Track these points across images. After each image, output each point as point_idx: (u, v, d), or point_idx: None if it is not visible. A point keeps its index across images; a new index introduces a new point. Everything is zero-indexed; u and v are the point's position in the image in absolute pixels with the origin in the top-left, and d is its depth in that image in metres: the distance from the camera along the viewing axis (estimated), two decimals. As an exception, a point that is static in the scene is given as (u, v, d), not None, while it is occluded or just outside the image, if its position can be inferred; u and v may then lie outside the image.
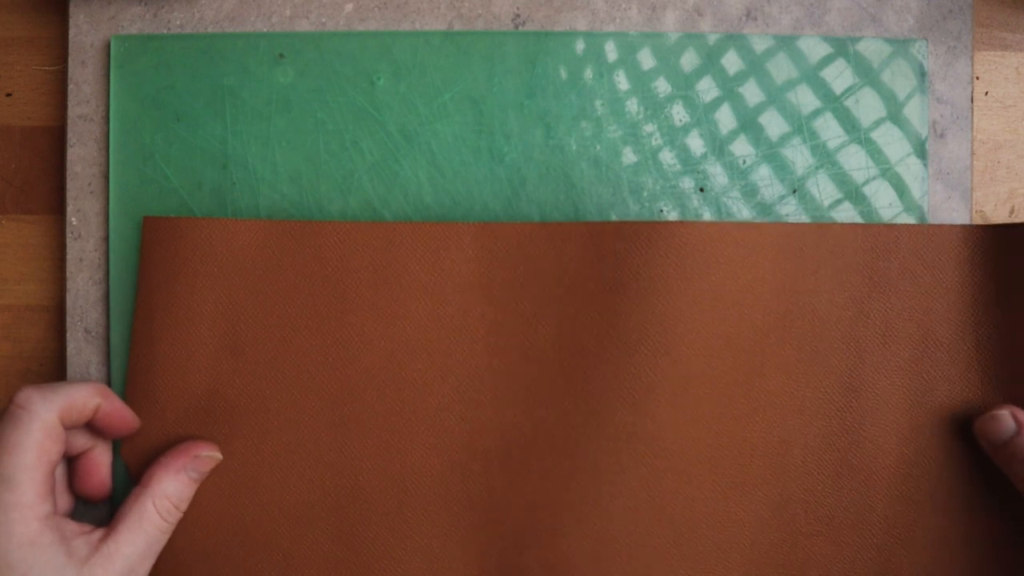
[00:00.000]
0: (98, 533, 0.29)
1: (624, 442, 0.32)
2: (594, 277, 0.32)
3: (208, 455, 0.32)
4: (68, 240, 0.34)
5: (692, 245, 0.31)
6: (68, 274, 0.34)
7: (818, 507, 0.32)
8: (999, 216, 0.34)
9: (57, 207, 0.35)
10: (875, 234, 0.32)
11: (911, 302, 0.32)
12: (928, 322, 0.32)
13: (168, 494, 0.30)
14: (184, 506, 0.31)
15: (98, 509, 0.34)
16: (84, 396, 0.29)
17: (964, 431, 0.32)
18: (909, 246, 0.32)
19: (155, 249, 0.33)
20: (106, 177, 0.34)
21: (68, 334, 0.34)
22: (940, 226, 0.32)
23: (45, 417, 0.28)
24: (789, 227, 0.32)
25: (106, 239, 0.34)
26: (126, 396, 0.33)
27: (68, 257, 0.34)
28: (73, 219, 0.34)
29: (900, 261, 0.32)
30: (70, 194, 0.34)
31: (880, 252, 0.32)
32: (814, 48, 0.33)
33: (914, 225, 0.32)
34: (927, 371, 0.32)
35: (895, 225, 0.32)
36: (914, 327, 0.32)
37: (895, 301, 0.32)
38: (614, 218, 0.33)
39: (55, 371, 0.35)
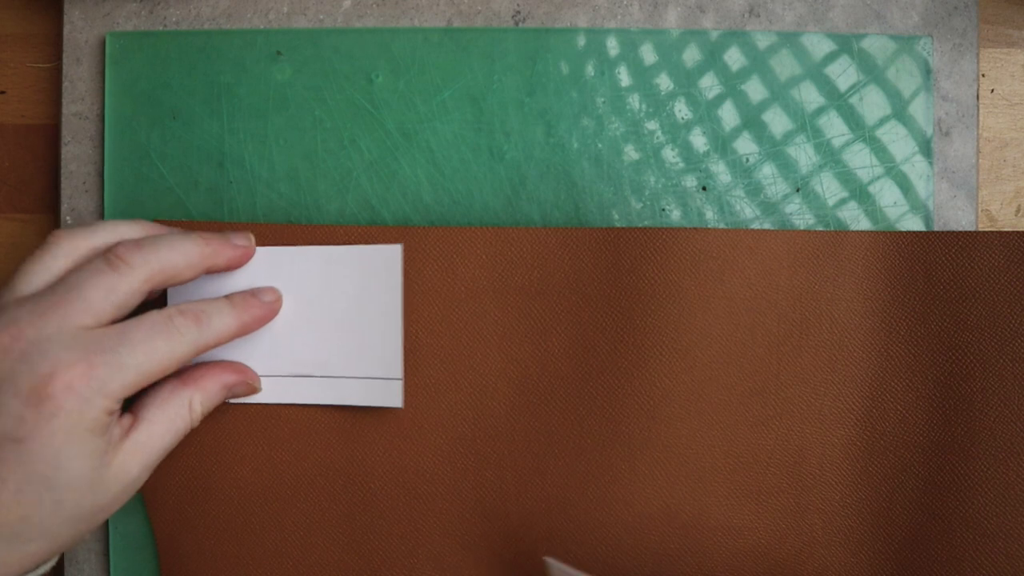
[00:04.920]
0: (127, 419, 0.27)
1: (638, 449, 0.31)
2: (608, 283, 0.31)
3: (252, 385, 0.31)
4: (62, 239, 0.34)
5: (707, 252, 0.31)
6: (62, 274, 0.34)
7: (835, 517, 0.31)
8: (1005, 215, 0.34)
9: (51, 206, 0.35)
10: (896, 241, 0.31)
11: (940, 311, 0.31)
12: (959, 333, 0.31)
13: (211, 400, 0.29)
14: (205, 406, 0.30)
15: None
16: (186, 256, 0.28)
17: (996, 449, 0.31)
18: (935, 254, 0.31)
19: None
20: (101, 175, 0.34)
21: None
22: (969, 233, 0.31)
23: (141, 287, 0.27)
24: (805, 235, 0.31)
25: (101, 238, 0.34)
26: None
27: (62, 256, 0.34)
28: (68, 218, 0.34)
29: (925, 269, 0.31)
30: (65, 193, 0.34)
31: (904, 260, 0.31)
32: (818, 45, 0.33)
33: (940, 232, 0.31)
34: (958, 384, 0.31)
35: (917, 232, 0.31)
36: (944, 337, 0.31)
37: (921, 310, 0.31)
38: (616, 217, 0.33)
39: (49, 372, 0.35)
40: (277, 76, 0.34)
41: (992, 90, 0.34)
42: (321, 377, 0.31)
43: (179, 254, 0.28)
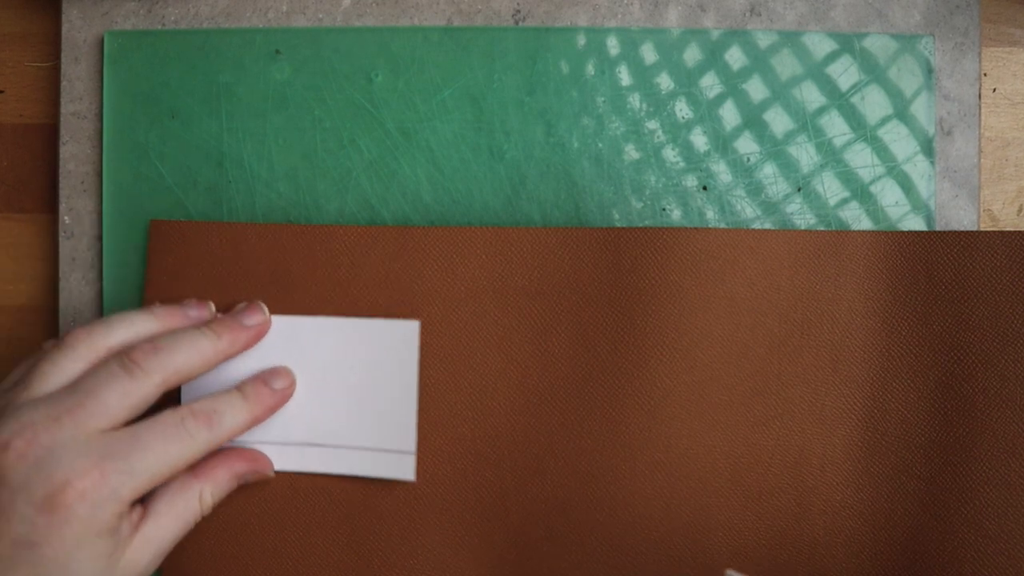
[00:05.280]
0: (137, 512, 0.27)
1: (639, 449, 0.31)
2: (609, 283, 0.31)
3: (264, 473, 0.31)
4: (61, 239, 0.34)
5: (708, 252, 0.31)
6: (61, 274, 0.34)
7: (837, 517, 0.31)
8: (1007, 215, 0.34)
9: (50, 206, 0.35)
10: (898, 241, 0.31)
11: (941, 312, 0.31)
12: (961, 333, 0.31)
13: (222, 490, 0.30)
14: (216, 495, 0.30)
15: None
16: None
17: (998, 449, 0.31)
18: (937, 254, 0.31)
19: (162, 253, 0.32)
20: (100, 175, 0.34)
21: (61, 334, 0.33)
22: (970, 233, 0.31)
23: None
24: (806, 235, 0.31)
25: (99, 238, 0.33)
26: None
27: (61, 256, 0.34)
28: (66, 218, 0.34)
29: (927, 269, 0.31)
30: (63, 192, 0.34)
31: (905, 260, 0.31)
32: (819, 44, 0.33)
33: (942, 232, 0.31)
34: (960, 385, 0.31)
35: (919, 232, 0.31)
36: (945, 338, 0.31)
37: (923, 310, 0.31)
38: (616, 216, 0.33)
39: (48, 372, 0.34)
40: (276, 75, 0.33)
41: (994, 89, 0.34)
42: (333, 447, 0.32)
43: (194, 354, 0.28)
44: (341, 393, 0.31)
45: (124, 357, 0.27)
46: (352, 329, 0.31)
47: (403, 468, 0.31)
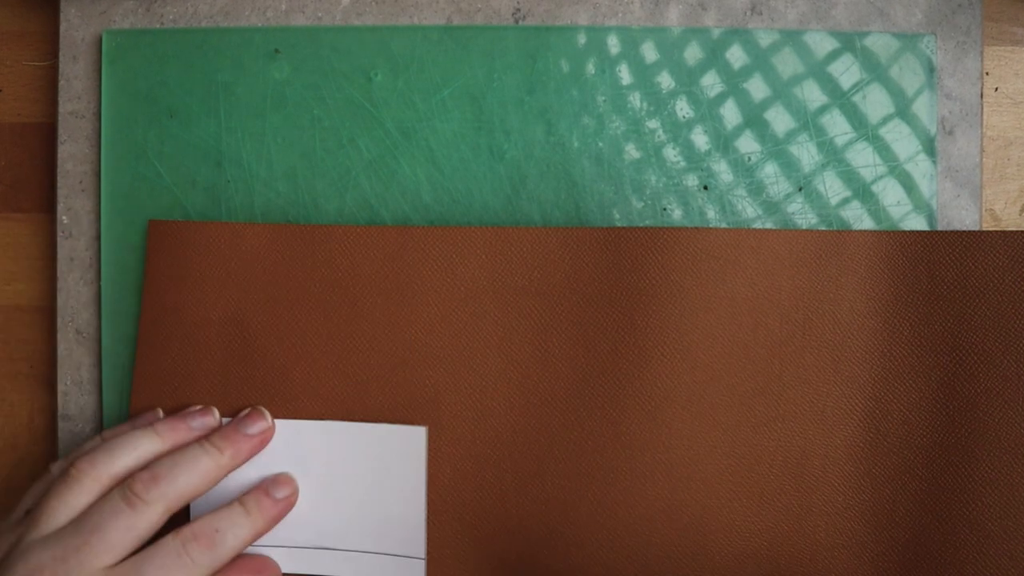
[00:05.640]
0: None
1: (639, 450, 0.31)
2: (609, 283, 0.31)
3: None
4: (59, 239, 0.34)
5: (709, 252, 0.31)
6: (59, 274, 0.33)
7: (838, 518, 0.31)
8: (1009, 214, 0.33)
9: (48, 205, 0.34)
10: (900, 241, 0.31)
11: (943, 312, 0.31)
12: (963, 333, 0.31)
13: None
14: None
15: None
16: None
17: (1000, 450, 0.30)
18: (939, 253, 0.31)
19: (161, 253, 0.32)
20: (98, 175, 0.33)
21: (59, 335, 0.33)
22: (972, 232, 0.31)
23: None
24: (807, 234, 0.31)
25: (98, 238, 0.33)
26: (131, 405, 0.32)
27: (59, 256, 0.34)
28: (64, 217, 0.34)
29: (928, 269, 0.31)
30: (61, 192, 0.34)
31: (907, 260, 0.31)
32: (820, 43, 0.33)
33: (943, 232, 0.31)
34: (962, 385, 0.31)
35: (921, 232, 0.31)
36: (947, 338, 0.31)
37: (925, 310, 0.31)
38: (616, 216, 0.33)
39: (45, 373, 0.34)
40: (275, 74, 0.33)
41: (996, 88, 0.34)
42: (343, 551, 0.31)
43: (196, 476, 0.28)
44: (349, 497, 0.31)
45: (126, 490, 0.27)
46: (358, 433, 0.31)
47: (413, 574, 0.31)
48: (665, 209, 0.33)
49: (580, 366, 0.31)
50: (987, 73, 0.34)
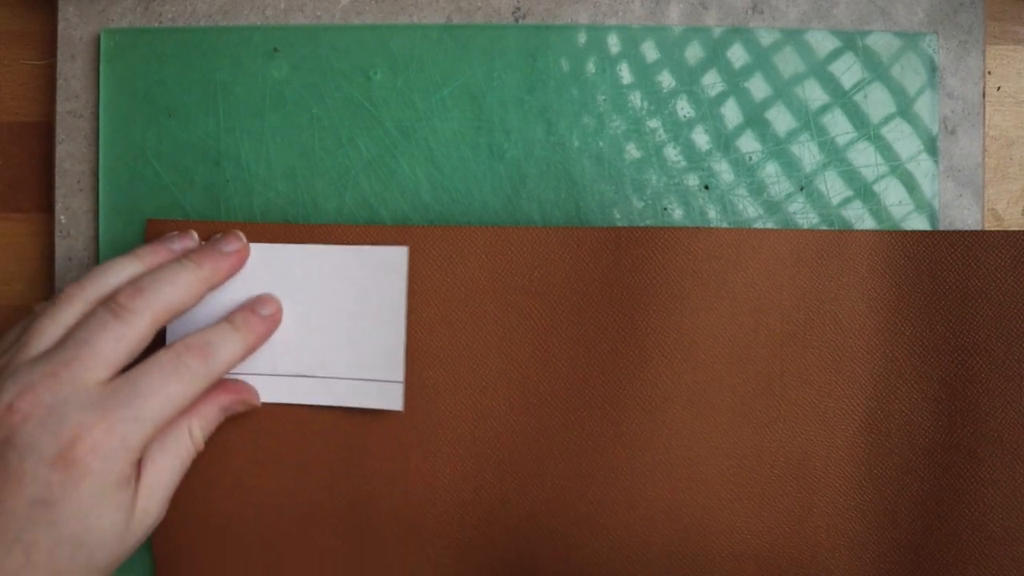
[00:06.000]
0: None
1: (639, 451, 0.31)
2: (610, 283, 0.31)
3: (250, 402, 0.31)
4: (57, 239, 0.33)
5: (709, 252, 0.31)
6: (57, 274, 0.33)
7: (840, 519, 0.31)
8: (1011, 214, 0.33)
9: (46, 205, 0.34)
10: (901, 241, 0.31)
11: (945, 312, 0.31)
12: (965, 333, 0.31)
13: (210, 424, 0.29)
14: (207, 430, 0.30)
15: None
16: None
17: (1002, 451, 0.30)
18: (941, 253, 0.31)
19: None
20: (96, 174, 0.33)
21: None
22: (975, 232, 0.31)
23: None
24: (808, 234, 0.31)
25: (96, 238, 0.33)
26: None
27: (57, 256, 0.33)
28: (62, 217, 0.33)
29: (930, 269, 0.31)
30: (59, 192, 0.33)
31: (909, 260, 0.31)
32: (822, 42, 0.33)
33: (945, 232, 0.31)
34: (964, 386, 0.31)
35: (922, 232, 0.31)
36: (949, 338, 0.31)
37: (926, 311, 0.31)
38: (617, 216, 0.33)
39: (44, 373, 0.34)
40: (274, 73, 0.33)
41: (998, 88, 0.33)
42: (321, 378, 0.31)
43: (179, 288, 0.28)
44: (328, 323, 0.31)
45: (111, 303, 0.27)
46: (339, 257, 0.31)
47: (391, 398, 0.31)
48: (666, 209, 0.33)
49: (580, 366, 0.31)
50: (989, 72, 0.33)
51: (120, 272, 0.28)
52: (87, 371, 0.26)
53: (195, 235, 0.31)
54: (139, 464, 0.27)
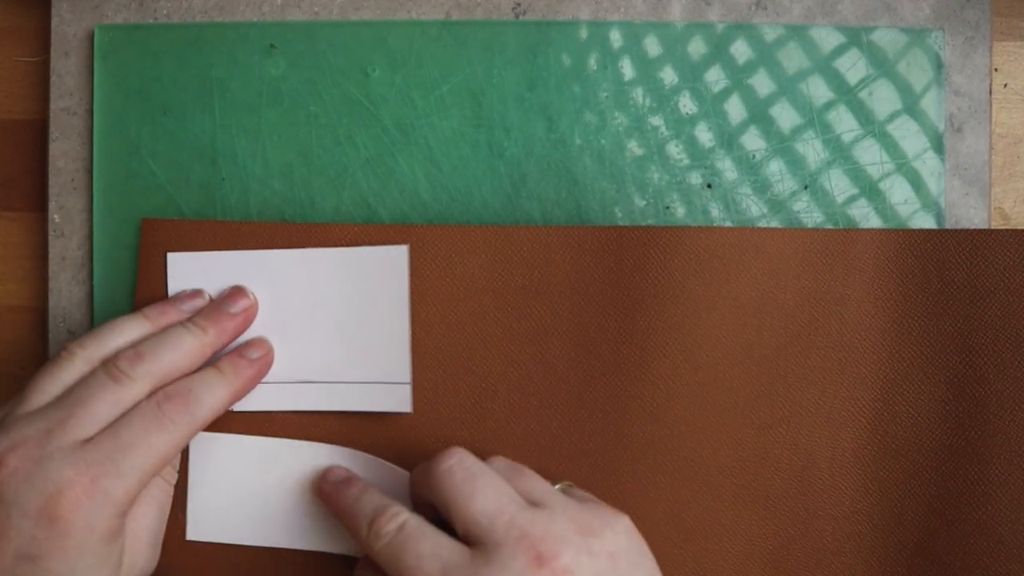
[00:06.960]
0: None
1: (641, 452, 0.31)
2: (611, 283, 0.31)
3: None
4: (50, 238, 0.33)
5: (712, 251, 0.30)
6: (50, 273, 0.33)
7: (845, 522, 0.31)
8: (1018, 212, 0.33)
9: (39, 204, 0.34)
10: (907, 240, 0.31)
11: (952, 312, 0.30)
12: (972, 334, 0.30)
13: (175, 459, 0.30)
14: (177, 463, 0.31)
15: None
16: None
17: (1010, 453, 0.30)
18: (947, 252, 0.30)
19: (155, 253, 0.32)
20: (90, 172, 0.33)
21: (50, 335, 0.33)
22: (981, 231, 0.30)
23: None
24: (813, 233, 0.31)
25: (90, 237, 0.33)
26: None
27: (50, 256, 0.33)
28: (56, 216, 0.33)
29: (937, 268, 0.30)
30: (53, 190, 0.33)
31: (915, 259, 0.31)
32: (826, 38, 0.32)
33: (952, 230, 0.31)
34: (971, 387, 0.30)
35: (929, 231, 0.31)
36: (956, 339, 0.30)
37: (933, 310, 0.31)
38: (618, 214, 0.32)
39: (37, 374, 0.34)
40: (271, 70, 0.33)
41: (1005, 85, 0.33)
42: (325, 383, 0.31)
43: (181, 354, 0.28)
44: (330, 327, 0.31)
45: (111, 366, 0.27)
46: (338, 259, 0.31)
47: (399, 400, 0.31)
48: (668, 207, 0.32)
49: (581, 366, 0.31)
50: (996, 69, 0.33)
51: (124, 333, 0.29)
52: (79, 430, 0.26)
53: (206, 295, 0.31)
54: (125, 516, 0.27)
